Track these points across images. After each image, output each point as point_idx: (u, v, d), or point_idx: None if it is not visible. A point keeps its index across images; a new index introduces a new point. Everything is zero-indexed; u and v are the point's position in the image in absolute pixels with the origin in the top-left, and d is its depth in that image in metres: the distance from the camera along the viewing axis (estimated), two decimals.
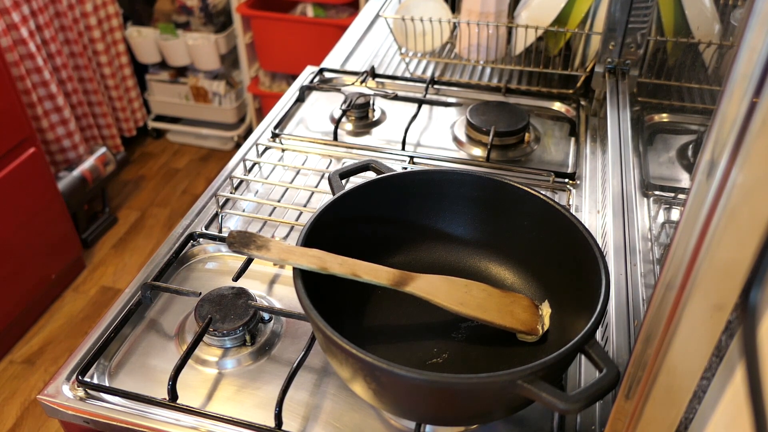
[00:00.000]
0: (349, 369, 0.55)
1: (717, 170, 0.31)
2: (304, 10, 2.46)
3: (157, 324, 0.74)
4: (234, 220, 0.89)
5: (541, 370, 0.49)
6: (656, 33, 1.07)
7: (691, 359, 0.39)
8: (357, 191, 0.69)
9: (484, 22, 1.17)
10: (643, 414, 0.43)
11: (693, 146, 0.83)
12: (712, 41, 0.91)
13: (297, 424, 0.63)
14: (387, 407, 0.60)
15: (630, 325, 0.67)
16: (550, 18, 1.13)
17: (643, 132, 0.98)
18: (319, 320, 0.53)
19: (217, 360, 0.69)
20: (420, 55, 1.28)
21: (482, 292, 0.64)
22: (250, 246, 0.61)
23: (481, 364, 0.63)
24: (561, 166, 0.99)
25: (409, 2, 1.23)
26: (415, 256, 0.73)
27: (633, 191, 0.82)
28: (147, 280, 0.77)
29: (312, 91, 1.18)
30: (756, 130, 0.29)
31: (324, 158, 1.01)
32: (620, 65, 1.09)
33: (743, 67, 0.29)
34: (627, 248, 0.75)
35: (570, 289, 0.64)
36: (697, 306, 0.36)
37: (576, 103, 1.12)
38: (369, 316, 0.68)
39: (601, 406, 0.64)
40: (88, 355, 0.68)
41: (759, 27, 0.28)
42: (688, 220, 0.34)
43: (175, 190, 2.52)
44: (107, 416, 0.64)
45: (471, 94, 1.17)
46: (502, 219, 0.71)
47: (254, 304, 0.71)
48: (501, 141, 1.01)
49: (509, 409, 0.56)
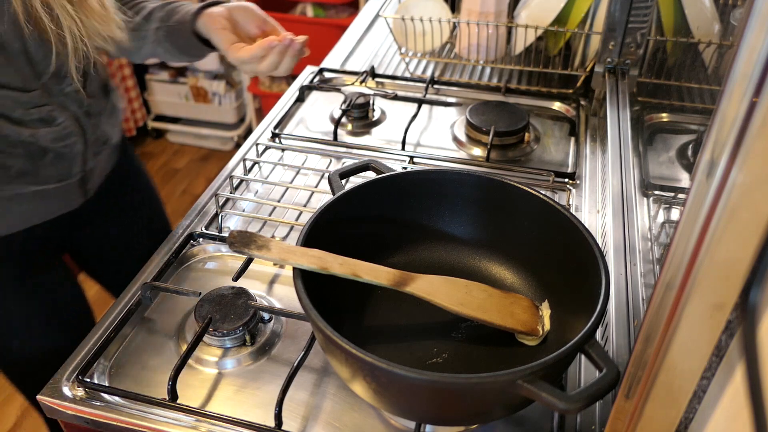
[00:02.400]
0: (349, 369, 0.55)
1: (717, 170, 0.31)
2: (304, 10, 2.46)
3: (157, 324, 0.74)
4: (234, 220, 0.89)
5: (541, 370, 0.49)
6: (656, 33, 1.07)
7: (691, 359, 0.39)
8: (357, 191, 0.69)
9: (483, 21, 1.17)
10: (643, 414, 0.43)
11: (693, 146, 0.83)
12: (712, 41, 0.91)
13: (297, 424, 0.63)
14: (387, 407, 0.60)
15: (630, 325, 0.67)
16: (550, 18, 1.13)
17: (643, 132, 0.98)
18: (319, 320, 0.53)
19: (217, 360, 0.69)
20: (420, 55, 1.28)
21: (482, 293, 0.64)
22: (251, 246, 0.61)
23: (481, 364, 0.63)
24: (561, 166, 0.99)
25: (408, 2, 1.23)
26: (415, 256, 0.73)
27: (633, 191, 0.82)
28: (147, 280, 0.77)
29: (312, 91, 1.18)
30: (756, 130, 0.29)
31: (324, 158, 1.01)
32: (620, 65, 1.09)
33: (743, 67, 0.29)
34: (627, 248, 0.75)
35: (570, 289, 0.64)
36: (697, 306, 0.36)
37: (576, 103, 1.12)
38: (369, 316, 0.68)
39: (601, 406, 0.64)
40: (88, 355, 0.68)
41: (759, 27, 0.28)
42: (688, 219, 0.34)
43: (174, 190, 2.52)
44: (107, 416, 0.64)
45: (471, 93, 1.17)
46: (502, 219, 0.71)
47: (254, 304, 0.71)
48: (501, 141, 1.01)
49: (509, 408, 0.56)
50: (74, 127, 0.83)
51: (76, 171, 0.87)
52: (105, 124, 0.90)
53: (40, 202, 0.86)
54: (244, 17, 0.82)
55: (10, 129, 0.77)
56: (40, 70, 0.78)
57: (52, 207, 0.88)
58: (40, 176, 0.82)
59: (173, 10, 0.89)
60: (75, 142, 0.84)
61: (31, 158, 0.80)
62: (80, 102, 0.83)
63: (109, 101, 0.92)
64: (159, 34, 0.88)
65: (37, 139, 0.79)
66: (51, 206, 0.88)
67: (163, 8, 0.90)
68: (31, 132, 0.78)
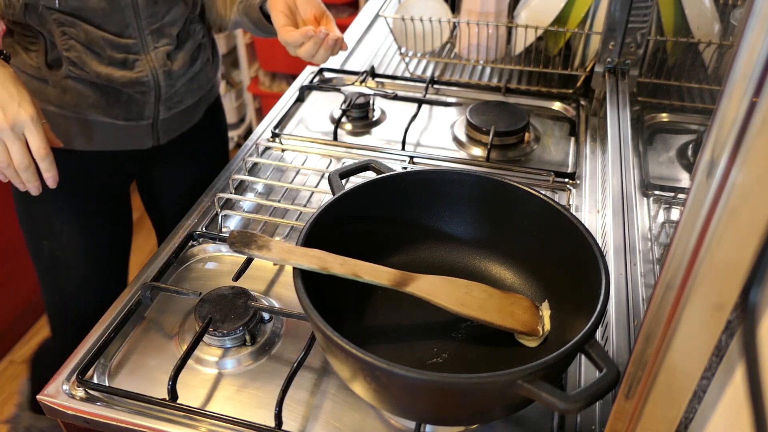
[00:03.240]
0: (349, 369, 0.55)
1: (717, 170, 0.31)
2: None
3: (157, 324, 0.74)
4: (234, 220, 0.89)
5: (541, 369, 0.49)
6: (656, 33, 1.07)
7: (691, 359, 0.39)
8: (357, 191, 0.69)
9: (483, 21, 1.17)
10: (643, 414, 0.43)
11: (693, 146, 0.83)
12: (712, 41, 0.91)
13: (297, 424, 0.63)
14: (387, 407, 0.60)
15: (630, 324, 0.67)
16: (550, 18, 1.13)
17: (643, 132, 0.98)
18: (319, 320, 0.53)
19: (217, 360, 0.69)
20: (420, 55, 1.28)
21: (483, 293, 0.64)
22: (251, 246, 0.61)
23: (481, 364, 0.63)
24: (561, 166, 0.99)
25: (408, 2, 1.23)
26: (415, 256, 0.73)
27: (633, 191, 0.82)
28: (147, 280, 0.77)
29: (312, 91, 1.18)
30: (756, 130, 0.29)
31: (324, 158, 1.01)
32: (620, 65, 1.09)
33: (743, 67, 0.29)
34: (627, 248, 0.75)
35: (570, 289, 0.64)
36: (697, 306, 0.36)
37: (576, 103, 1.12)
38: (369, 316, 0.68)
39: (601, 406, 0.64)
40: (88, 355, 0.68)
41: (759, 27, 0.28)
42: (688, 219, 0.34)
43: None
44: (107, 416, 0.64)
45: (471, 93, 1.17)
46: (502, 219, 0.71)
47: (254, 304, 0.71)
48: (501, 141, 1.01)
49: (509, 408, 0.56)
50: (150, 79, 0.91)
51: (147, 116, 0.95)
52: (182, 88, 0.97)
53: (112, 133, 0.96)
54: (304, 4, 0.88)
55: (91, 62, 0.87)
56: (144, 25, 0.88)
57: (123, 141, 0.98)
58: (111, 111, 0.92)
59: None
60: (146, 92, 0.92)
61: (106, 94, 0.90)
62: (164, 61, 0.92)
63: (193, 70, 0.98)
64: (240, 7, 0.98)
65: (111, 80, 0.89)
66: (122, 140, 0.97)
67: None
68: (108, 72, 0.88)
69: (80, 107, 0.91)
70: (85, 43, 0.86)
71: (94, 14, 0.85)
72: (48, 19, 0.84)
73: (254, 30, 1.00)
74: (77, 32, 0.85)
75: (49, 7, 0.83)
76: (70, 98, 0.90)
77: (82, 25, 0.85)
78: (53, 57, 0.88)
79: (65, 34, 0.85)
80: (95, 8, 0.84)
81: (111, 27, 0.87)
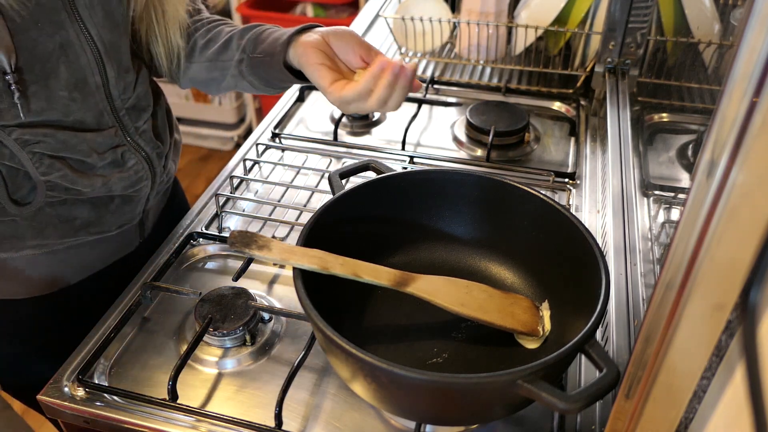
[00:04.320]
0: (349, 369, 0.55)
1: (717, 170, 0.31)
2: (304, 10, 2.46)
3: (157, 324, 0.74)
4: (234, 220, 0.89)
5: (541, 369, 0.49)
6: (656, 33, 1.07)
7: (691, 359, 0.39)
8: (357, 191, 0.69)
9: (484, 21, 1.17)
10: (643, 414, 0.43)
11: (693, 146, 0.83)
12: (712, 41, 0.91)
13: (297, 424, 0.63)
14: (387, 407, 0.60)
15: (630, 324, 0.67)
16: (550, 18, 1.13)
17: (643, 132, 0.98)
18: (319, 320, 0.53)
19: (217, 360, 0.69)
20: (420, 55, 1.28)
21: (483, 293, 0.64)
22: (252, 246, 0.62)
23: (481, 364, 0.63)
24: (561, 166, 0.99)
25: (408, 2, 1.23)
26: (415, 256, 0.73)
27: (633, 191, 0.82)
28: (147, 280, 0.77)
29: (312, 91, 1.18)
30: (756, 130, 0.29)
31: (324, 158, 1.01)
32: (620, 65, 1.09)
33: (743, 67, 0.29)
34: (627, 248, 0.75)
35: (570, 289, 0.64)
36: (697, 306, 0.36)
37: (576, 103, 1.12)
38: (369, 316, 0.68)
39: (601, 406, 0.64)
40: (88, 355, 0.68)
41: (759, 27, 0.28)
42: (688, 219, 0.34)
43: None
44: (107, 416, 0.64)
45: (471, 93, 1.17)
46: (502, 219, 0.71)
47: (254, 304, 0.71)
48: (501, 141, 1.01)
49: (509, 408, 0.56)
50: (145, 170, 0.78)
51: (139, 212, 0.82)
52: (170, 162, 0.85)
53: (99, 250, 0.81)
54: (344, 46, 0.72)
55: (85, 182, 0.72)
56: (118, 105, 0.73)
57: (110, 252, 0.84)
58: (104, 224, 0.77)
59: (258, 38, 0.77)
60: (143, 187, 0.79)
61: (96, 207, 0.76)
62: (153, 142, 0.79)
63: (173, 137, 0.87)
64: (242, 67, 0.78)
65: (110, 188, 0.74)
66: (109, 252, 0.83)
67: (244, 36, 0.79)
68: (103, 181, 0.73)
69: (65, 235, 0.75)
70: (65, 155, 0.69)
71: (65, 110, 0.68)
72: (6, 143, 0.65)
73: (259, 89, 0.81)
74: (53, 144, 0.68)
75: (6, 126, 0.64)
76: (52, 230, 0.73)
77: (55, 133, 0.67)
78: (15, 188, 0.69)
79: (34, 154, 0.67)
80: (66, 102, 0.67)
81: (88, 119, 0.70)
